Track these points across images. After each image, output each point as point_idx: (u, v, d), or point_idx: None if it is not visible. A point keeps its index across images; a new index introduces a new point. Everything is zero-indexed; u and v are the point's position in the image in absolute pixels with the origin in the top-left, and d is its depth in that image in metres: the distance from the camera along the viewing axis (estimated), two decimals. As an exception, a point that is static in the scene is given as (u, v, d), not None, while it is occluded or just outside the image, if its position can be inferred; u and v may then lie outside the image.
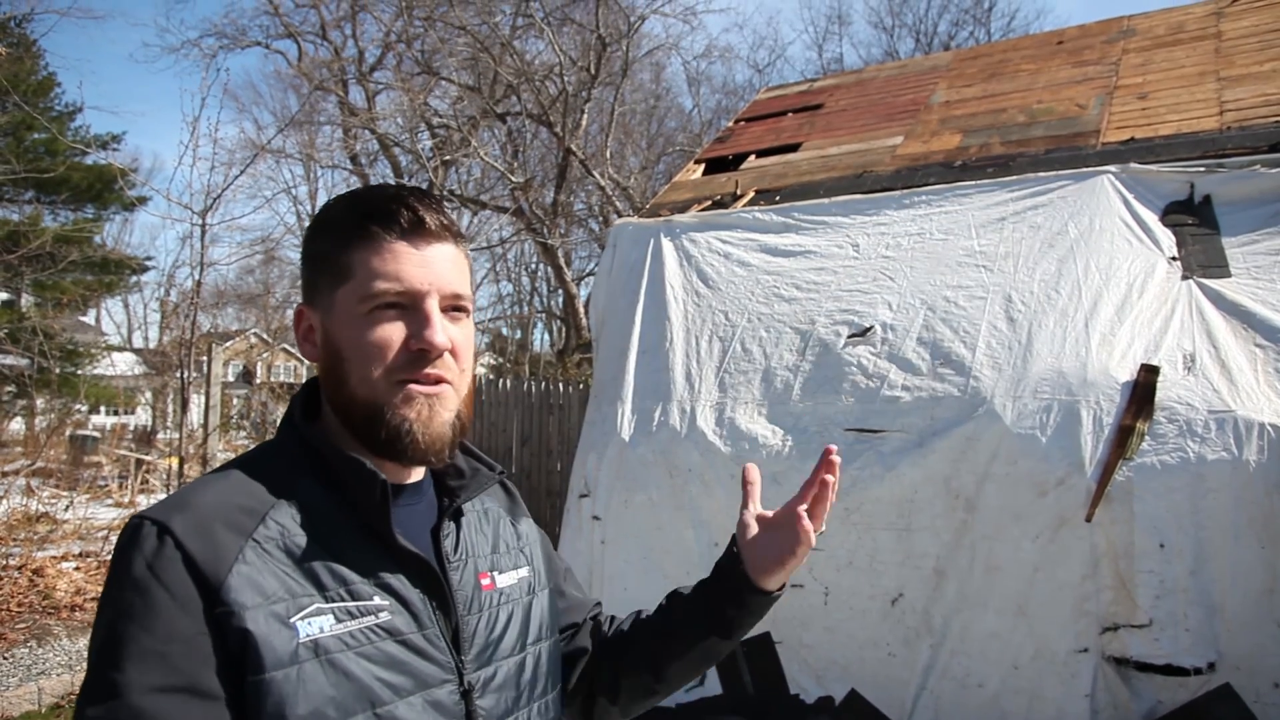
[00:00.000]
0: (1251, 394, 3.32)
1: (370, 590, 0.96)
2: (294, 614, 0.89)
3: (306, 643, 0.89)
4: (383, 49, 21.57)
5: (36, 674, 5.15)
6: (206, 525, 0.90)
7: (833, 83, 7.99)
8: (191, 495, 0.94)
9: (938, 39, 26.07)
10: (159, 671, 0.83)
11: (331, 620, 0.91)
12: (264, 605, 0.88)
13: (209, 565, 0.88)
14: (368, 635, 0.94)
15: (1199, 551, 3.22)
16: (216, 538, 0.90)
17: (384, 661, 0.94)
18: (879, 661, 3.78)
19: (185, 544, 0.88)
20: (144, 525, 0.89)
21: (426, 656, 0.98)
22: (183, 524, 0.89)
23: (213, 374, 8.84)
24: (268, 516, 0.94)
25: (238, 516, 0.92)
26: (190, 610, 0.86)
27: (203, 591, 0.87)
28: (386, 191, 1.03)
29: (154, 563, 0.87)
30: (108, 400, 22.23)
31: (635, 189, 17.97)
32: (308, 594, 0.91)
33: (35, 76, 17.74)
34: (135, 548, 0.88)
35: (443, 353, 1.00)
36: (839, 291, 4.46)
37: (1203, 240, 3.95)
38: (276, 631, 0.88)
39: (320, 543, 0.95)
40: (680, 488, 4.23)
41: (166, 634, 0.84)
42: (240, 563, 0.89)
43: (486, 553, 1.14)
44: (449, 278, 1.02)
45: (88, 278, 18.88)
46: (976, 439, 3.63)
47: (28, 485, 9.66)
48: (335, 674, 0.90)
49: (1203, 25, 6.01)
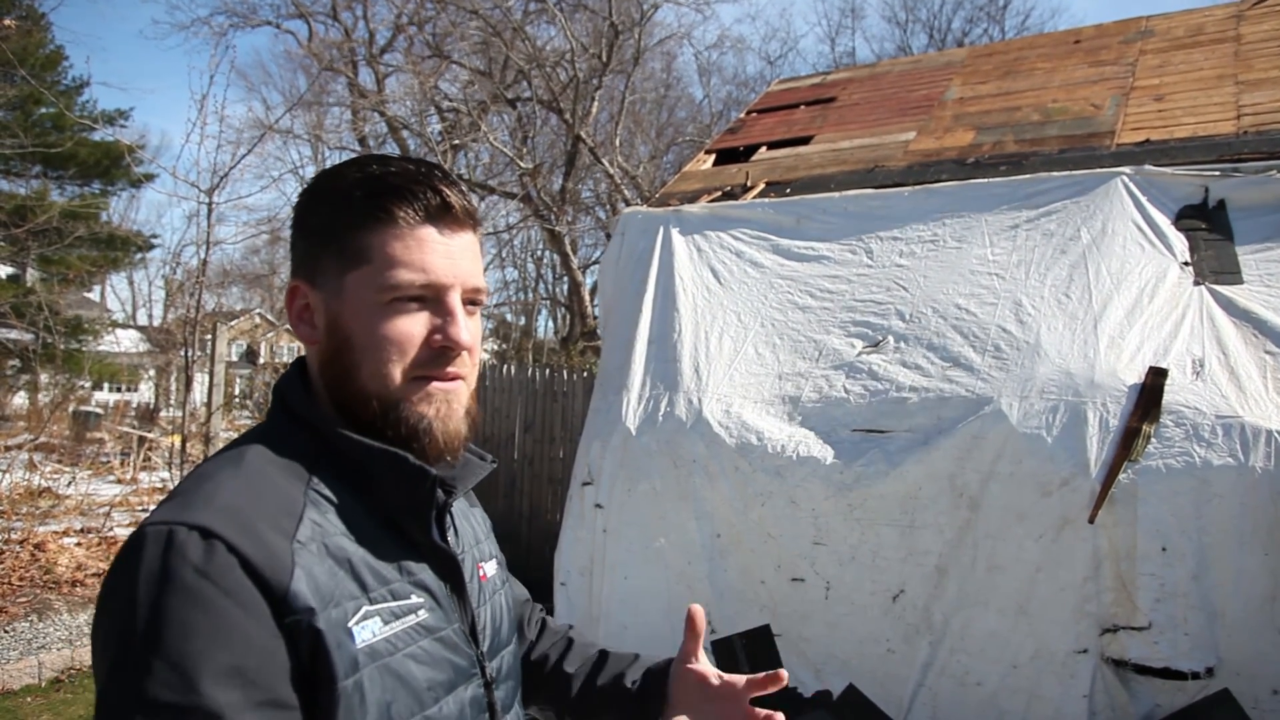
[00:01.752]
0: (1260, 401, 3.31)
1: (407, 589, 0.92)
2: (350, 619, 0.84)
3: (364, 648, 0.84)
4: (394, 31, 21.49)
5: (37, 648, 5.18)
6: (252, 526, 0.82)
7: (846, 76, 7.95)
8: (216, 495, 0.84)
9: (951, 35, 25.95)
10: (241, 688, 0.75)
11: (379, 623, 0.87)
12: (327, 610, 0.82)
13: (270, 569, 0.80)
14: (411, 635, 0.90)
15: (1201, 556, 3.22)
16: (267, 540, 0.82)
17: (428, 660, 0.91)
18: (878, 657, 3.78)
19: (239, 547, 0.79)
20: (177, 531, 0.79)
21: (459, 651, 0.97)
22: (226, 526, 0.80)
23: (217, 353, 8.84)
24: (304, 517, 0.87)
25: (277, 517, 0.85)
26: (259, 617, 0.78)
27: (268, 597, 0.79)
28: (407, 168, 0.95)
29: (207, 569, 0.77)
30: (111, 377, 22.30)
31: (644, 178, 17.93)
32: (354, 597, 0.86)
33: (43, 50, 17.70)
34: (176, 556, 0.77)
35: (465, 350, 0.97)
36: (853, 301, 4.45)
37: (1216, 245, 3.93)
38: (342, 639, 0.83)
39: (358, 542, 0.90)
40: (684, 478, 4.24)
41: (243, 646, 0.76)
42: (298, 566, 0.82)
43: (473, 543, 1.13)
44: (471, 270, 0.98)
45: (93, 254, 18.90)
46: (982, 437, 3.62)
47: (30, 460, 9.69)
48: (391, 678, 0.86)
49: (1222, 28, 5.97)
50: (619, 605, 4.37)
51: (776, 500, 3.98)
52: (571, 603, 4.52)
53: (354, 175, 0.96)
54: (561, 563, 4.56)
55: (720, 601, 4.13)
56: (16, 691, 4.85)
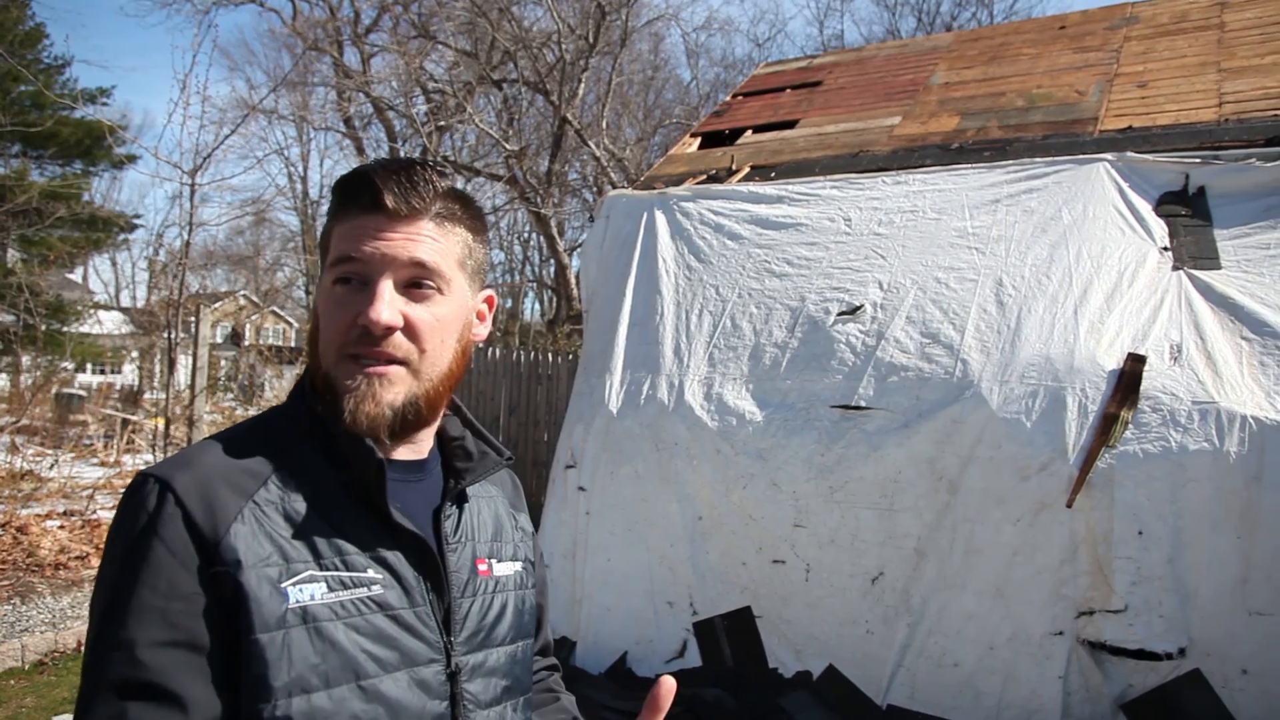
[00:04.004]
0: (1235, 386, 3.35)
1: (365, 563, 0.96)
2: (286, 579, 0.90)
3: (295, 608, 0.89)
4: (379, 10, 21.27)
5: (20, 631, 5.16)
6: (207, 483, 0.91)
7: (832, 60, 7.93)
8: (197, 454, 0.95)
9: (940, 19, 25.87)
10: (161, 627, 0.85)
11: (324, 589, 0.92)
12: (257, 567, 0.89)
13: (206, 523, 0.89)
14: (358, 606, 0.94)
15: (1176, 540, 3.26)
16: (217, 497, 0.91)
17: (372, 634, 0.94)
18: (857, 639, 3.82)
19: (185, 501, 0.89)
20: (147, 482, 0.91)
21: (415, 634, 0.97)
22: (184, 482, 0.90)
23: (201, 335, 8.78)
24: (269, 480, 0.95)
25: (240, 477, 0.93)
26: (189, 566, 0.87)
27: (200, 549, 0.88)
28: (361, 169, 1.02)
29: (155, 519, 0.88)
30: (94, 358, 22.11)
31: (630, 160, 17.86)
32: (302, 560, 0.92)
33: (22, 27, 17.44)
34: (139, 504, 0.90)
35: (388, 331, 0.97)
36: (830, 268, 4.46)
37: (1195, 232, 3.96)
38: (268, 595, 0.88)
39: (320, 512, 0.96)
40: (666, 461, 4.25)
41: (167, 590, 0.86)
42: (238, 522, 0.90)
43: (486, 538, 1.13)
44: (408, 254, 0.99)
45: (75, 234, 18.70)
46: (962, 421, 3.65)
47: (12, 443, 9.62)
48: (321, 642, 0.90)
49: (1206, 15, 5.98)
50: (601, 587, 4.39)
51: (758, 483, 4.00)
52: (554, 584, 4.54)
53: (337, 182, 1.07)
54: (545, 545, 4.57)
55: (702, 583, 4.16)
56: (0, 674, 4.84)
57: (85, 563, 6.49)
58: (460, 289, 1.05)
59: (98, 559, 6.59)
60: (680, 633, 4.21)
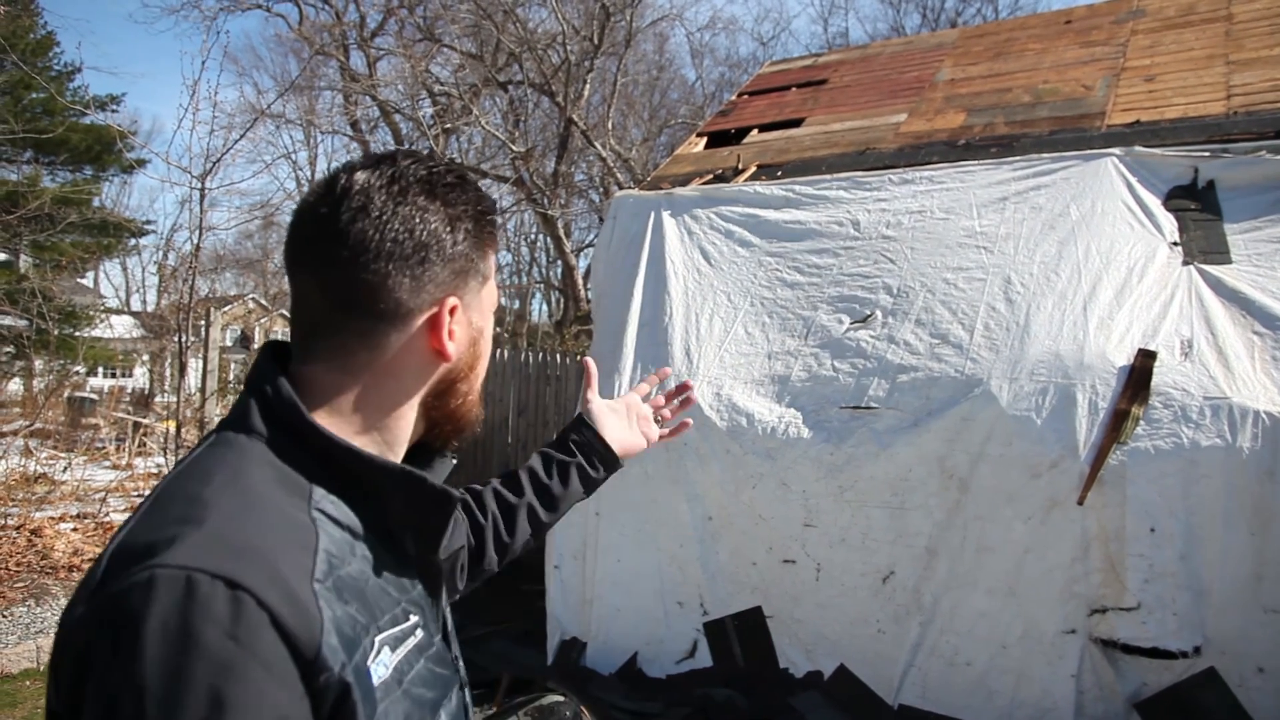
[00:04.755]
0: (1247, 381, 3.33)
1: (407, 610, 0.89)
2: (367, 657, 0.79)
3: (379, 685, 0.80)
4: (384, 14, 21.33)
5: (35, 632, 5.20)
6: (277, 573, 0.74)
7: (837, 58, 7.92)
8: (228, 530, 0.75)
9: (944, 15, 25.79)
10: None
11: (389, 652, 0.83)
12: (353, 658, 0.77)
13: (300, 626, 0.72)
14: (412, 659, 0.87)
15: (1189, 536, 3.24)
16: (293, 587, 0.74)
17: (427, 679, 0.89)
18: (868, 638, 3.81)
19: (267, 602, 0.71)
20: (198, 581, 0.70)
21: (444, 662, 0.96)
22: (253, 575, 0.72)
23: (211, 338, 8.83)
24: (318, 547, 0.80)
25: (295, 553, 0.77)
26: (287, 682, 0.71)
27: (297, 657, 0.72)
28: (492, 204, 0.99)
29: (236, 632, 0.69)
30: (106, 362, 22.25)
31: (636, 161, 17.87)
32: (367, 630, 0.81)
33: (34, 35, 17.55)
34: (200, 613, 0.69)
35: None
36: (840, 276, 4.44)
37: (1205, 226, 3.94)
38: (364, 684, 0.78)
39: (368, 566, 0.86)
40: (675, 461, 4.25)
41: (271, 715, 0.70)
42: (324, 615, 0.75)
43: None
44: None
45: (86, 239, 18.80)
46: (972, 419, 3.63)
47: (26, 446, 9.69)
48: (405, 703, 0.83)
49: (1213, 7, 5.95)
50: (611, 588, 4.39)
51: (767, 482, 4.00)
52: (565, 585, 4.55)
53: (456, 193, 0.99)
54: (554, 546, 4.58)
55: (712, 583, 4.15)
56: (15, 675, 4.87)
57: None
58: None
59: (111, 563, 6.63)
60: (691, 633, 4.21)
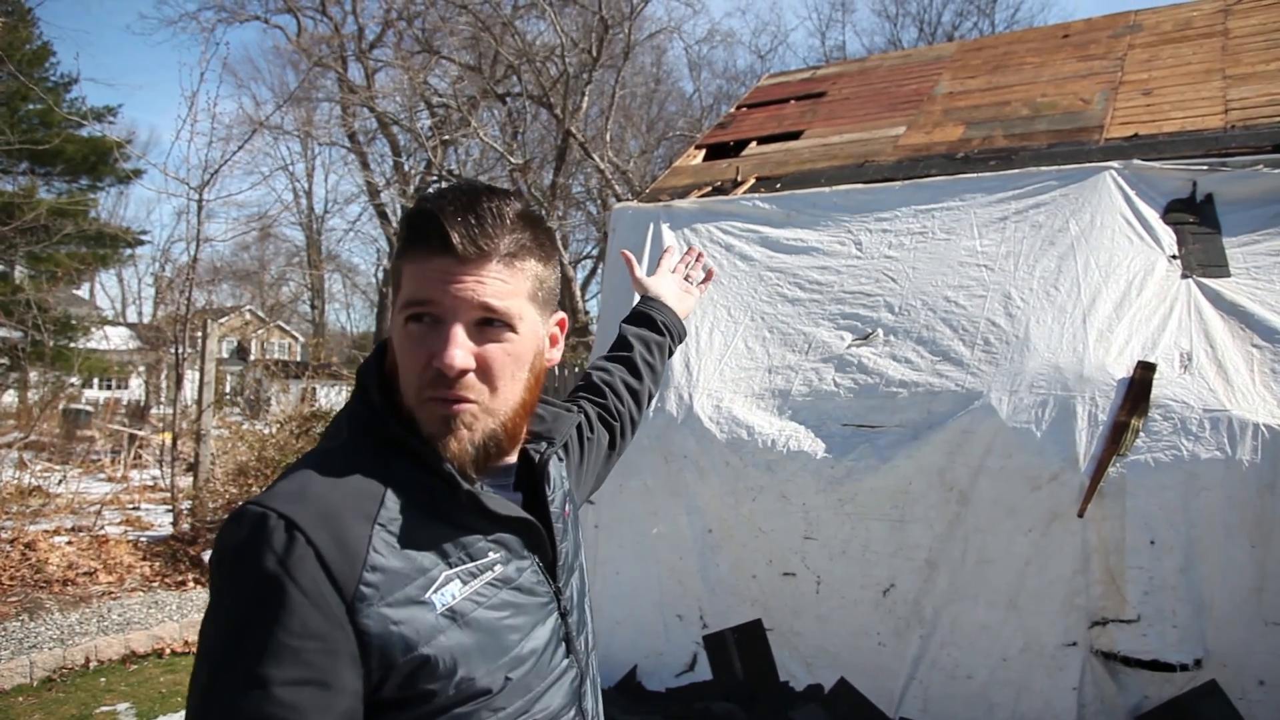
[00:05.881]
0: (1247, 394, 3.33)
1: (485, 547, 1.04)
2: (428, 589, 0.96)
3: (444, 612, 0.96)
4: (383, 26, 21.42)
5: (28, 647, 5.16)
6: (332, 517, 0.93)
7: (836, 71, 7.95)
8: (305, 486, 0.96)
9: (941, 29, 25.97)
10: (294, 665, 0.87)
11: (459, 585, 0.99)
12: (400, 589, 0.93)
13: (340, 561, 0.91)
14: (490, 589, 1.02)
15: (1189, 549, 3.24)
16: (345, 529, 0.93)
17: (506, 608, 1.03)
18: (869, 651, 3.80)
19: (315, 540, 0.90)
20: (269, 517, 0.91)
21: (535, 594, 1.08)
22: (308, 518, 0.91)
23: (208, 350, 8.80)
24: (385, 498, 0.98)
25: (359, 501, 0.96)
26: (323, 608, 0.89)
27: (336, 589, 0.90)
28: (428, 206, 1.02)
29: (286, 560, 0.89)
30: (101, 374, 22.19)
31: (635, 173, 17.91)
32: (436, 565, 0.98)
33: (30, 46, 17.57)
34: (262, 542, 0.89)
35: (461, 374, 1.00)
36: (842, 293, 4.45)
37: (1203, 239, 3.95)
38: (416, 612, 0.94)
39: (439, 515, 1.01)
40: (675, 474, 4.24)
41: (301, 630, 0.87)
42: (372, 553, 0.93)
43: (562, 485, 1.24)
44: (478, 298, 1.01)
45: (82, 251, 18.80)
46: (972, 432, 3.63)
47: (20, 458, 9.65)
48: (474, 632, 0.98)
49: (1210, 22, 5.99)
50: (611, 601, 4.38)
51: (767, 495, 3.99)
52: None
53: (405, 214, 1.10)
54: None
55: (712, 596, 4.14)
56: (8, 691, 4.84)
57: (93, 579, 6.49)
58: (531, 321, 1.08)
59: (106, 575, 6.60)
60: (690, 646, 4.19)
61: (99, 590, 6.26)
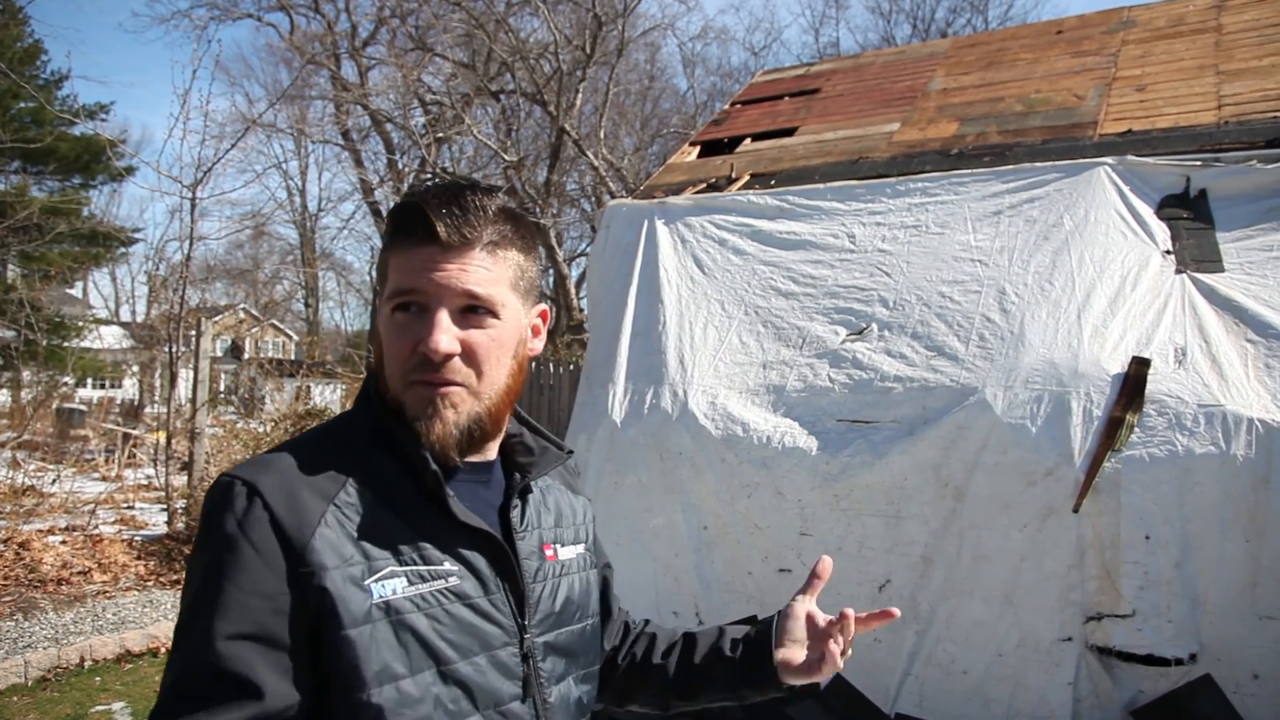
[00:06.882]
0: (1241, 389, 3.34)
1: (442, 556, 1.04)
2: (369, 576, 0.98)
3: (379, 603, 0.98)
4: (376, 23, 21.36)
5: (22, 647, 5.14)
6: (292, 488, 0.99)
7: (830, 67, 7.95)
8: (277, 459, 1.02)
9: (935, 25, 25.99)
10: (240, 620, 0.92)
11: (404, 583, 1.00)
12: (342, 567, 0.97)
13: (293, 527, 0.96)
14: (437, 598, 1.02)
15: (1184, 544, 3.24)
16: (301, 502, 0.98)
17: (451, 622, 1.03)
18: (864, 647, 3.80)
19: (272, 505, 0.96)
20: (235, 484, 0.98)
21: (491, 620, 1.07)
22: (270, 485, 0.97)
23: (202, 349, 8.77)
24: (348, 484, 1.02)
25: (321, 481, 1.01)
26: (274, 567, 0.94)
27: (286, 551, 0.95)
28: (413, 200, 1.08)
29: (243, 521, 0.95)
30: (95, 373, 22.12)
31: (629, 170, 17.90)
32: (383, 557, 1.00)
33: (21, 43, 17.50)
34: (227, 506, 0.96)
35: (447, 358, 1.04)
36: (836, 287, 4.45)
37: (1197, 234, 3.96)
38: (352, 593, 0.96)
39: (398, 512, 1.04)
40: (671, 471, 4.24)
41: (250, 587, 0.93)
42: (323, 526, 0.98)
43: (550, 525, 1.24)
44: (462, 285, 1.05)
45: (75, 250, 18.74)
46: (967, 428, 3.64)
47: (14, 458, 9.61)
48: (405, 633, 0.98)
49: (1203, 18, 5.99)
50: (607, 598, 4.37)
51: (763, 491, 3.99)
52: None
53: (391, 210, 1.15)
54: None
55: (707, 593, 4.14)
56: (3, 691, 4.82)
57: (87, 578, 6.47)
58: (513, 309, 1.12)
59: (100, 574, 6.58)
60: (686, 643, 4.18)
61: (94, 589, 6.25)
